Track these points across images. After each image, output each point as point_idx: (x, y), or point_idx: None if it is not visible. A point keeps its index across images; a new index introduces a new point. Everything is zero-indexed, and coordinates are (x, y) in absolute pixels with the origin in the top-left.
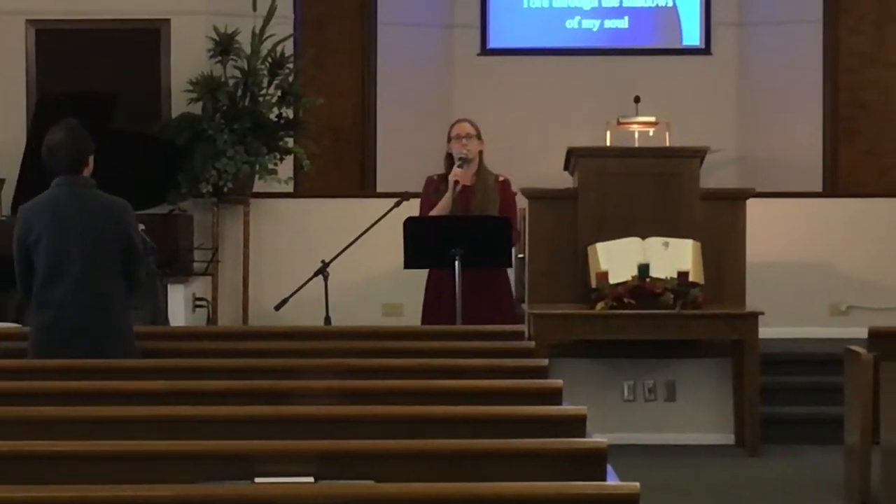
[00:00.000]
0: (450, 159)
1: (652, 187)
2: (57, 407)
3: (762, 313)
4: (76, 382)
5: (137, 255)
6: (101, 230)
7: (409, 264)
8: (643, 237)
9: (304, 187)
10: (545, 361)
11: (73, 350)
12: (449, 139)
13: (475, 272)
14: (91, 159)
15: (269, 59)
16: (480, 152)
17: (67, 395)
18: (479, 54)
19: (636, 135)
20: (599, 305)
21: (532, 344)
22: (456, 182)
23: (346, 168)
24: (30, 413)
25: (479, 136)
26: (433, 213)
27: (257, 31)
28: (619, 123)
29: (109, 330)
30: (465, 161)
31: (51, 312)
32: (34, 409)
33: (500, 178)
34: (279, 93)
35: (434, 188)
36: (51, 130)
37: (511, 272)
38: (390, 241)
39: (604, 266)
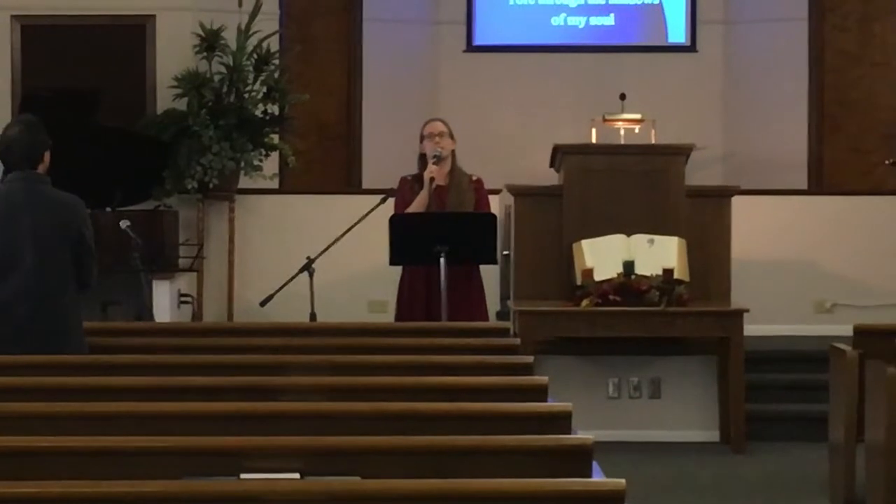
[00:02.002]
0: (423, 159)
1: (637, 184)
2: (43, 403)
3: (747, 310)
4: (60, 378)
5: (89, 253)
6: (53, 226)
7: (394, 261)
8: (628, 234)
9: (290, 184)
10: (530, 358)
11: (21, 346)
12: (421, 139)
13: (448, 269)
14: (47, 155)
15: (255, 56)
16: (453, 151)
17: (51, 391)
18: (464, 51)
19: (622, 132)
20: (585, 302)
21: (517, 341)
22: (432, 179)
23: (331, 164)
24: (15, 408)
25: (451, 135)
26: (410, 210)
27: (243, 27)
28: (604, 120)
29: (59, 326)
30: (439, 158)
31: (0, 306)
32: (17, 405)
33: (474, 178)
34: (265, 89)
35: (409, 188)
36: (7, 125)
37: (492, 269)
38: (376, 238)
39: (589, 263)
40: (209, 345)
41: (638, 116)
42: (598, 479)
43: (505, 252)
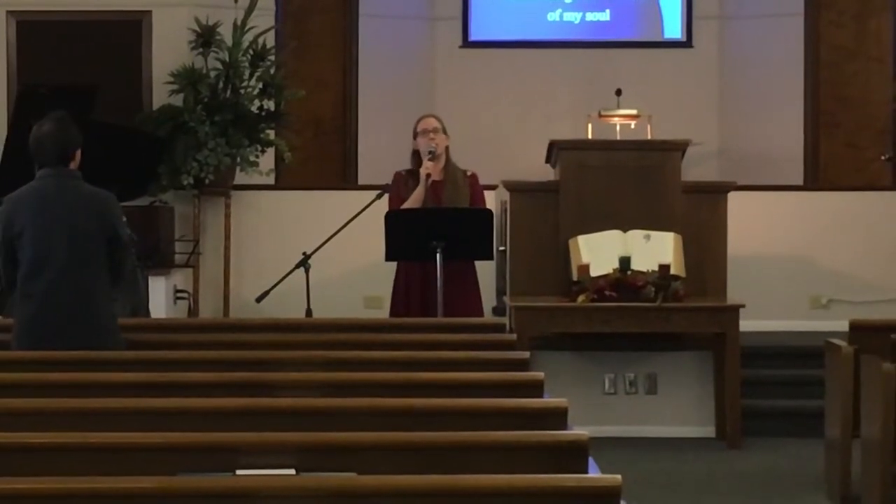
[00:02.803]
0: (416, 156)
1: (633, 180)
2: (38, 399)
3: (743, 306)
4: (57, 374)
5: (122, 247)
6: (86, 222)
7: (390, 257)
8: (625, 230)
9: (286, 179)
10: (526, 354)
11: (56, 342)
12: (415, 135)
13: (444, 265)
14: (78, 153)
15: (251, 51)
16: (447, 147)
17: (48, 387)
18: (460, 47)
19: (618, 128)
20: (581, 298)
21: (513, 336)
22: (428, 175)
23: (327, 160)
24: (10, 405)
25: (444, 131)
26: (406, 206)
27: (239, 22)
28: (600, 116)
29: (93, 321)
30: (433, 155)
31: (34, 304)
32: (15, 400)
33: (469, 173)
34: (260, 85)
35: (403, 183)
36: (39, 122)
37: (488, 265)
38: (372, 234)
39: (585, 259)
40: (205, 341)
41: (634, 112)
42: (594, 474)
43: (501, 248)
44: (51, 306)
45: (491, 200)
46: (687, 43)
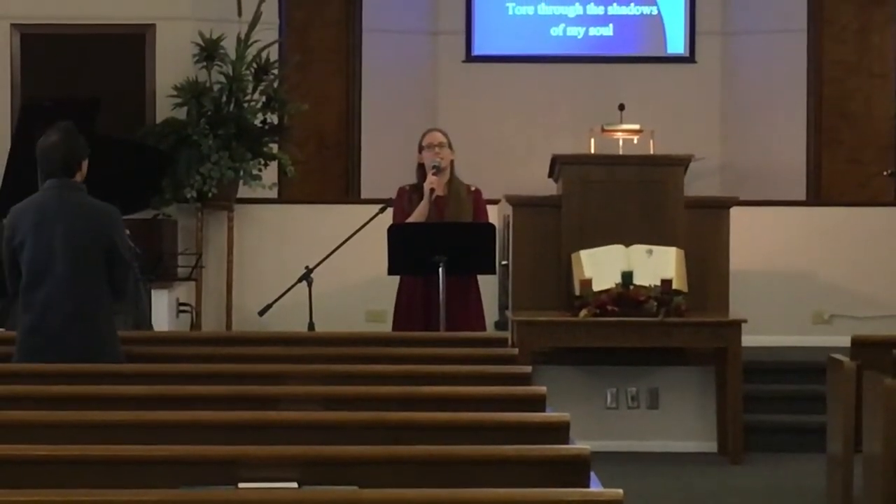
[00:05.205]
0: (421, 169)
1: (636, 195)
2: (40, 411)
3: (745, 321)
4: (59, 387)
5: (122, 262)
6: (86, 235)
7: (393, 271)
8: (627, 245)
9: (289, 193)
10: (529, 368)
11: (55, 354)
12: (420, 149)
13: (446, 279)
14: (85, 164)
15: (254, 65)
16: (452, 162)
17: (50, 400)
18: (463, 61)
19: (620, 142)
20: (583, 313)
21: (515, 351)
22: (432, 190)
23: (330, 174)
24: (13, 417)
25: (450, 146)
26: (409, 220)
27: (242, 36)
28: (603, 131)
29: (92, 334)
30: (438, 169)
31: (34, 315)
32: (18, 413)
33: (472, 188)
34: (264, 98)
35: (407, 198)
36: (46, 133)
37: (490, 279)
38: (374, 248)
39: (587, 273)
40: (207, 354)
41: (636, 127)
42: (596, 489)
43: (503, 262)
44: (49, 318)
45: (493, 215)
46: (690, 58)
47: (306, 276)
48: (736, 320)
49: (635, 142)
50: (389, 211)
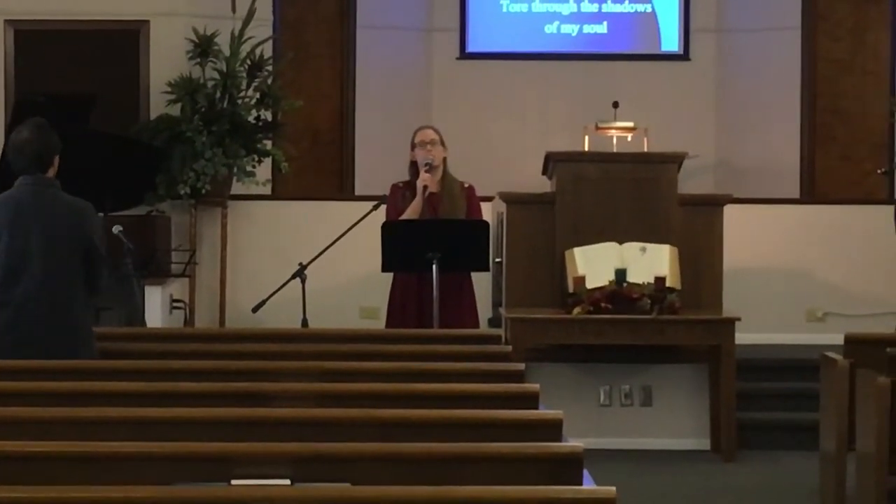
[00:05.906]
0: (414, 166)
1: (630, 192)
2: (33, 408)
3: (739, 319)
4: (50, 383)
5: (98, 258)
6: (62, 231)
7: (386, 267)
8: (621, 242)
9: (282, 190)
10: (522, 366)
11: (31, 350)
12: (413, 146)
13: (440, 276)
14: (57, 159)
15: (248, 62)
16: (444, 159)
17: (41, 396)
18: (457, 58)
19: (614, 140)
20: (576, 310)
21: (509, 348)
22: (425, 187)
23: (324, 171)
24: (4, 413)
25: (442, 143)
26: (403, 217)
27: (236, 33)
28: (597, 128)
29: (68, 331)
30: (430, 166)
31: (10, 312)
32: (8, 409)
33: (466, 185)
34: (258, 95)
35: (400, 195)
36: (17, 129)
37: (484, 276)
38: (368, 244)
39: (581, 271)
40: (201, 350)
41: (630, 124)
42: (589, 486)
43: (497, 259)
44: (25, 314)
45: (487, 212)
46: (684, 56)
47: (300, 273)
48: (729, 318)
49: (629, 139)
50: (383, 208)
